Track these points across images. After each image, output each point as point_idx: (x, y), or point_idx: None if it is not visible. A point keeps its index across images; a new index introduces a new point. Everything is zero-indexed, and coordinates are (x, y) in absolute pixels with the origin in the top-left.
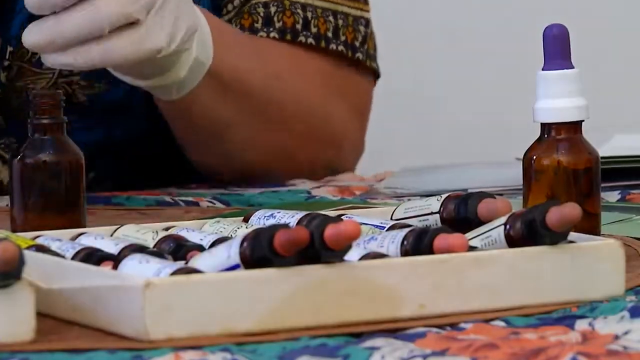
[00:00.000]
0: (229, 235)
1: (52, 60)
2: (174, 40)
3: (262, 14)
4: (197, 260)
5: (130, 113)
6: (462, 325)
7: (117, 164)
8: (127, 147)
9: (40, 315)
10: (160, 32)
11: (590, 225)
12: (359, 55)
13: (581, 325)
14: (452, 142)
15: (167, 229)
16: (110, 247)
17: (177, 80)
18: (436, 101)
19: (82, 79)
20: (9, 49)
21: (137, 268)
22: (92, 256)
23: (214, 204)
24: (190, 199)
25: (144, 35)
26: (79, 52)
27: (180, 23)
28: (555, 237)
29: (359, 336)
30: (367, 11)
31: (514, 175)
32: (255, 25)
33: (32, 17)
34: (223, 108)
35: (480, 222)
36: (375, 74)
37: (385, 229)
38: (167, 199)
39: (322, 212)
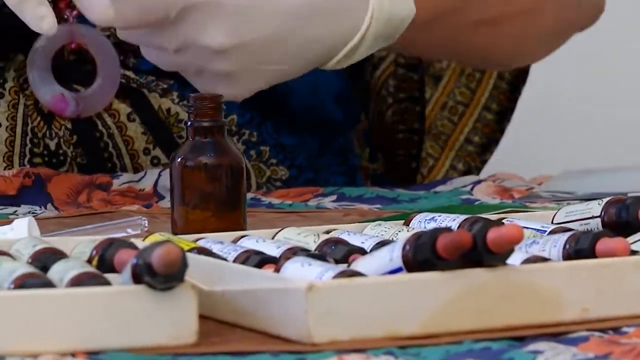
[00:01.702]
0: (390, 239)
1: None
2: None
3: None
4: (360, 263)
5: None
6: (625, 329)
7: (244, 110)
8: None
9: (203, 317)
10: None
11: None
12: None
13: None
14: (614, 145)
15: (328, 231)
16: (272, 249)
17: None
18: (597, 102)
19: None
20: None
21: (299, 271)
22: (254, 259)
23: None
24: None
25: None
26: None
27: None
28: None
29: (522, 340)
30: None
31: None
32: None
33: None
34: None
35: None
36: None
37: (547, 232)
38: (327, 204)
39: (483, 215)
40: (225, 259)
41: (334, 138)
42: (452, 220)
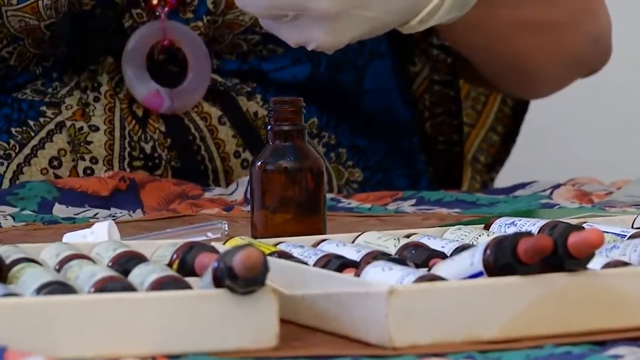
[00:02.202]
0: (471, 243)
1: None
2: None
3: None
4: (440, 268)
5: None
6: None
7: (321, 112)
8: (329, 81)
9: (283, 321)
10: None
11: None
12: None
13: None
14: None
15: (408, 236)
16: (352, 253)
17: None
18: None
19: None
20: None
21: (380, 275)
22: (335, 263)
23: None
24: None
25: None
26: None
27: None
28: None
29: (603, 344)
30: None
31: None
32: None
33: None
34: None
35: None
36: None
37: (627, 237)
38: (407, 207)
39: (563, 220)
40: (305, 263)
41: (401, 140)
42: (532, 225)
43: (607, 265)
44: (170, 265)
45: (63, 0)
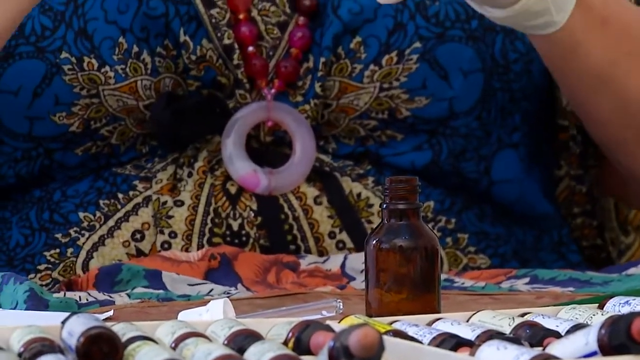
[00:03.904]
0: (585, 322)
1: None
2: None
3: None
4: (555, 347)
5: (453, 130)
6: None
7: (443, 196)
8: (451, 169)
9: None
10: None
11: None
12: None
13: None
14: None
15: (522, 315)
16: (467, 332)
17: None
18: None
19: (404, 92)
20: (322, 59)
21: (495, 354)
22: (449, 342)
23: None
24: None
25: None
26: None
27: None
28: None
29: None
30: None
31: None
32: None
33: (345, 29)
34: (601, 45)
35: None
36: None
37: None
38: (520, 286)
39: None
40: (420, 342)
41: (547, 232)
42: None
43: None
44: (286, 343)
45: (167, 81)
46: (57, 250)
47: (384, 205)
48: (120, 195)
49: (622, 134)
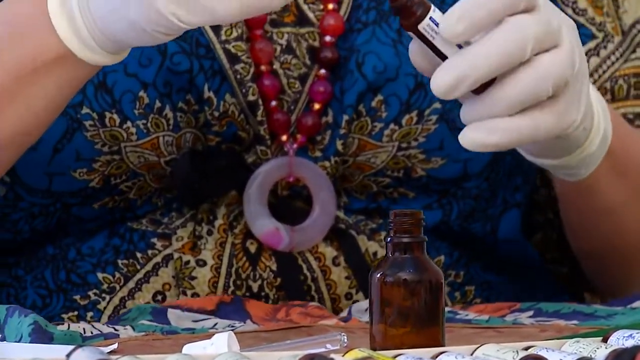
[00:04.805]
0: (589, 356)
1: (476, 140)
2: (585, 113)
3: None
4: None
5: (465, 191)
6: None
7: (452, 249)
8: (460, 229)
9: None
10: (577, 103)
11: None
12: None
13: None
14: None
15: (526, 348)
16: None
17: (586, 156)
18: None
19: (421, 152)
20: (345, 117)
21: None
22: None
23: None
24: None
25: (564, 107)
26: (508, 130)
27: (584, 95)
28: None
29: None
30: None
31: None
32: None
33: (369, 87)
34: (619, 190)
35: None
36: None
37: None
38: (524, 319)
39: None
40: None
41: (539, 281)
42: None
43: None
44: None
45: (187, 136)
46: (76, 313)
47: (389, 239)
48: (139, 255)
49: (606, 260)
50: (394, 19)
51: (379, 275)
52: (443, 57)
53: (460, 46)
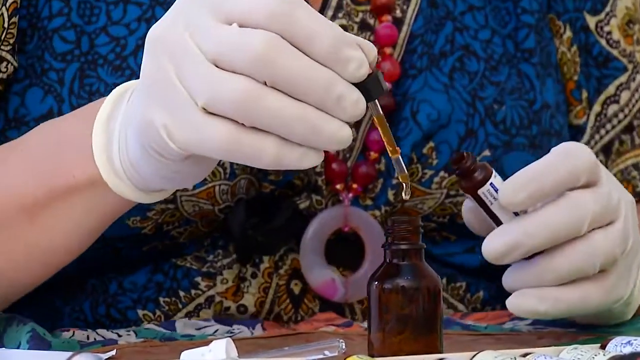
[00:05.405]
0: None
1: (525, 307)
2: (633, 287)
3: None
4: None
5: None
6: None
7: (489, 284)
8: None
9: None
10: (627, 279)
11: None
12: None
13: None
14: None
15: (524, 355)
16: None
17: (622, 319)
18: None
19: None
20: None
21: None
22: None
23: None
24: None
25: (613, 283)
26: (558, 300)
27: (634, 271)
28: None
29: None
30: None
31: None
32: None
33: (423, 136)
34: None
35: None
36: None
37: None
38: (522, 326)
39: None
40: None
41: None
42: None
43: None
44: None
45: (242, 183)
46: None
47: (387, 246)
48: (181, 294)
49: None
50: (445, 62)
51: (377, 282)
52: (497, 222)
53: (516, 213)
